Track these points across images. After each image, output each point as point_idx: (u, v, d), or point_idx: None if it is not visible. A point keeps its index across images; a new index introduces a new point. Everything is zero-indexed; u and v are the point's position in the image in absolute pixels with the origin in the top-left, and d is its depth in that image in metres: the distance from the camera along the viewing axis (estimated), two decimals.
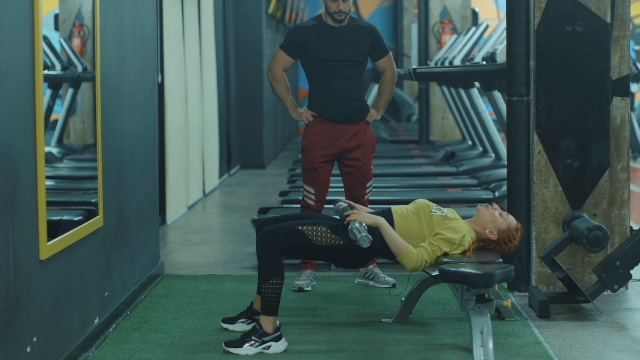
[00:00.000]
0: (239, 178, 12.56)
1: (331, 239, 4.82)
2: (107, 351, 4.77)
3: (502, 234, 4.92)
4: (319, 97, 6.15)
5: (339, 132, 6.13)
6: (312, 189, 6.15)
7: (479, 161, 10.28)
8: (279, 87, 6.22)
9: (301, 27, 6.22)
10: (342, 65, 6.09)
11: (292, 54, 6.18)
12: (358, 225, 4.73)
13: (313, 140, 6.14)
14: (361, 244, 4.68)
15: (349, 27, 6.14)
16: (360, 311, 5.54)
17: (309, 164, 6.15)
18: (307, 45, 6.11)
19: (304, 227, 4.83)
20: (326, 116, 6.14)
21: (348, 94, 6.11)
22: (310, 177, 6.16)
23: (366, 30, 6.17)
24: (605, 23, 5.77)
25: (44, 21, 4.11)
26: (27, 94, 3.93)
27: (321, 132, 6.14)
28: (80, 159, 6.50)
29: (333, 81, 6.09)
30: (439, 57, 12.71)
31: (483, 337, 4.41)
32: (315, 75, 6.16)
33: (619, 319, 5.40)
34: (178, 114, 9.41)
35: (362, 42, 6.13)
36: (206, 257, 7.25)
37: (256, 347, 4.73)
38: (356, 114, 6.15)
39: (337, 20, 6.09)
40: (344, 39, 6.10)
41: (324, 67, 6.10)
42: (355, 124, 6.16)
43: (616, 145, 5.90)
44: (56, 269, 4.31)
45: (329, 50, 6.08)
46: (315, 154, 6.13)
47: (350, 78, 6.11)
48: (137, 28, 5.92)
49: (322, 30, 6.12)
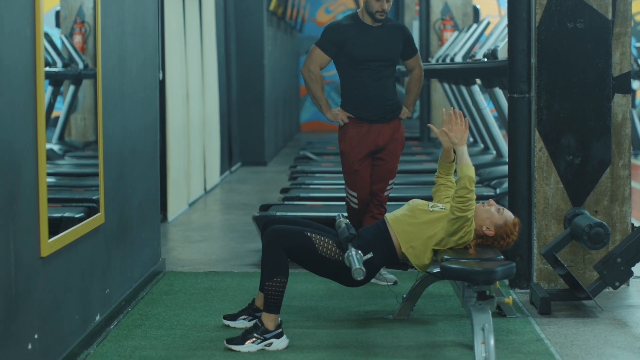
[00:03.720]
0: (240, 175, 12.56)
1: (336, 253, 4.84)
2: (108, 348, 4.77)
3: (500, 229, 4.92)
4: (354, 97, 6.11)
5: (375, 132, 6.09)
6: (355, 193, 6.13)
7: (481, 158, 10.27)
8: (315, 86, 6.13)
9: (339, 25, 6.14)
10: (378, 65, 6.05)
11: (329, 52, 6.10)
12: (354, 254, 4.73)
13: (351, 142, 6.10)
14: (354, 275, 4.68)
15: (384, 27, 6.10)
16: (362, 308, 5.54)
17: (350, 167, 6.12)
18: (345, 44, 6.05)
19: (312, 234, 4.85)
20: (361, 117, 6.10)
21: (383, 93, 6.08)
22: (352, 180, 6.12)
23: (400, 30, 6.16)
24: (606, 20, 5.76)
25: (45, 18, 4.11)
26: (28, 91, 3.93)
27: (358, 134, 6.10)
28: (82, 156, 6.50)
29: (369, 81, 6.06)
30: (440, 54, 12.71)
31: (484, 334, 4.41)
32: (350, 75, 6.10)
33: (620, 316, 5.40)
34: (179, 111, 9.41)
35: (397, 42, 6.11)
36: (207, 254, 7.25)
37: (258, 344, 4.73)
38: (390, 113, 6.13)
39: (377, 19, 6.04)
40: (381, 38, 6.06)
41: (361, 66, 6.05)
42: (390, 122, 6.14)
43: (617, 142, 5.89)
44: (57, 266, 4.32)
45: (367, 50, 6.03)
46: (354, 156, 6.09)
47: (385, 78, 6.08)
48: (138, 25, 5.92)
49: (360, 29, 6.07)
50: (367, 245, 4.89)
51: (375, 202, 6.19)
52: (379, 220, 5.10)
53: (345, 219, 4.98)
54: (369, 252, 4.86)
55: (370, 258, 4.86)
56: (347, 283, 4.95)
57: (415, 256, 4.94)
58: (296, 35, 20.25)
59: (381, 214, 6.16)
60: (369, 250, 4.87)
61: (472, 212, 4.84)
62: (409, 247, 4.93)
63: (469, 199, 4.80)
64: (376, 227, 5.02)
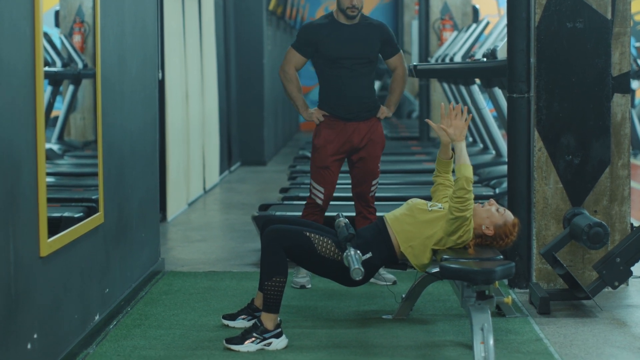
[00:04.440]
0: (239, 175, 12.56)
1: (334, 253, 4.84)
2: (107, 348, 4.77)
3: (499, 229, 4.92)
4: (330, 96, 6.13)
5: (350, 130, 6.10)
6: (321, 188, 6.12)
7: (480, 158, 10.27)
8: (290, 87, 6.18)
9: (313, 25, 6.20)
10: (354, 63, 6.06)
11: (305, 53, 6.15)
12: (353, 254, 4.73)
13: (326, 138, 6.11)
14: (353, 275, 4.69)
15: (360, 25, 6.11)
16: (361, 308, 5.54)
17: (321, 162, 6.12)
18: (319, 43, 6.08)
19: (311, 234, 4.85)
20: (337, 115, 6.11)
21: (359, 91, 6.10)
22: (320, 176, 6.13)
23: (377, 28, 6.16)
24: (606, 20, 5.76)
25: (44, 18, 4.10)
26: (27, 90, 3.93)
27: (333, 131, 6.11)
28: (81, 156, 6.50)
29: (344, 79, 6.07)
30: (439, 54, 12.71)
31: (483, 333, 4.41)
32: (326, 74, 6.13)
33: (619, 315, 5.40)
34: (179, 110, 9.41)
35: (373, 40, 6.12)
36: (207, 254, 7.25)
37: (257, 343, 4.73)
38: (366, 112, 6.14)
39: (349, 16, 6.05)
40: (355, 36, 6.07)
41: (336, 65, 6.07)
42: (366, 121, 6.14)
43: (617, 142, 5.90)
44: (57, 266, 4.32)
45: (341, 48, 6.05)
46: (327, 152, 6.10)
47: (361, 76, 6.10)
48: (137, 25, 5.92)
49: (334, 28, 6.09)
50: (366, 245, 4.89)
51: (362, 203, 6.20)
52: (376, 219, 5.10)
53: (345, 219, 4.97)
54: (368, 251, 4.86)
55: (369, 258, 4.86)
56: (346, 283, 4.95)
57: (414, 256, 4.94)
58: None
59: (372, 214, 6.18)
60: (368, 250, 4.87)
61: (471, 211, 4.84)
62: (407, 247, 4.93)
63: (467, 199, 4.80)
64: (375, 226, 5.02)
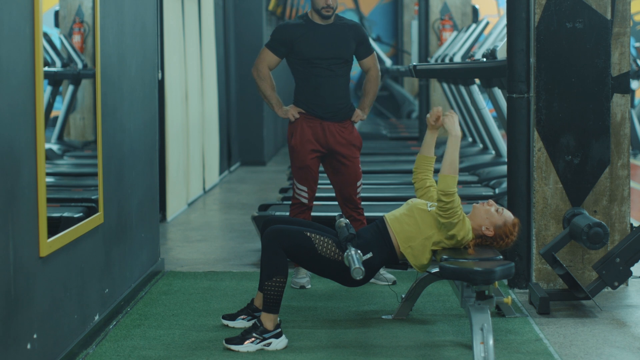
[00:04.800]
0: (239, 175, 12.56)
1: (335, 253, 4.84)
2: (107, 348, 4.77)
3: (499, 229, 4.92)
4: (306, 95, 6.12)
5: (326, 130, 6.09)
6: (304, 187, 6.12)
7: (480, 158, 10.28)
8: (264, 85, 6.19)
9: (287, 25, 6.18)
10: (329, 63, 6.05)
11: (278, 53, 6.14)
12: (354, 254, 4.73)
13: (302, 138, 6.10)
14: (354, 275, 4.68)
15: (335, 25, 6.10)
16: (360, 308, 5.54)
17: (300, 162, 6.11)
18: (293, 43, 6.07)
19: (312, 234, 4.84)
20: (313, 112, 6.11)
21: (335, 91, 6.09)
22: (302, 175, 6.12)
23: (352, 29, 6.14)
24: (605, 20, 5.76)
25: (44, 18, 4.10)
26: (27, 90, 3.93)
27: (309, 130, 6.10)
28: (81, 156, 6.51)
29: (320, 79, 6.06)
30: (439, 54, 12.72)
31: (483, 333, 4.41)
32: (301, 74, 6.12)
33: (619, 315, 5.40)
34: (178, 110, 9.41)
35: (348, 40, 6.10)
36: (206, 254, 7.25)
37: (257, 344, 4.73)
38: (342, 113, 6.13)
39: (324, 16, 6.04)
40: (330, 37, 6.07)
41: (311, 65, 6.06)
42: (341, 122, 6.13)
43: (616, 142, 5.90)
44: (56, 266, 4.32)
45: (316, 48, 6.04)
46: (305, 150, 6.09)
47: (337, 76, 6.08)
48: (137, 25, 5.92)
49: (309, 28, 6.08)
50: (366, 245, 4.89)
51: (350, 206, 6.18)
52: (364, 220, 5.09)
53: (345, 219, 4.98)
54: (368, 252, 4.86)
55: (370, 258, 4.86)
56: (347, 283, 4.95)
57: (413, 256, 4.94)
58: None
59: (361, 215, 6.19)
60: (369, 250, 4.87)
61: (458, 216, 4.82)
62: (407, 247, 4.93)
63: (448, 208, 4.80)
64: (375, 226, 5.01)
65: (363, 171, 6.50)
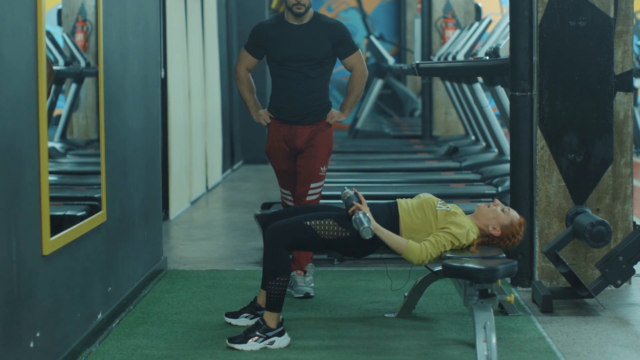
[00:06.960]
0: (242, 173, 12.56)
1: (338, 231, 4.83)
2: (110, 346, 4.77)
3: (506, 229, 4.91)
4: (277, 98, 5.97)
5: (293, 133, 5.92)
6: (287, 191, 6.03)
7: (482, 156, 10.28)
8: (241, 88, 6.10)
9: (262, 25, 6.01)
10: (301, 65, 5.86)
11: (255, 54, 6.00)
12: (362, 216, 4.73)
13: (272, 144, 5.99)
14: (363, 235, 4.69)
15: (310, 25, 5.90)
16: (363, 306, 5.54)
17: (277, 167, 6.02)
18: (267, 44, 5.90)
19: (311, 222, 4.83)
20: (282, 118, 5.96)
21: (306, 94, 5.89)
22: (283, 180, 6.03)
23: (329, 28, 5.91)
24: (608, 18, 5.76)
25: (47, 16, 4.11)
26: (30, 89, 3.93)
27: (278, 135, 5.96)
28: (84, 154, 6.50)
29: (292, 82, 5.88)
30: (442, 52, 12.71)
31: (486, 332, 4.41)
32: (275, 75, 5.97)
33: (622, 314, 5.40)
34: (181, 109, 9.41)
35: (322, 41, 5.87)
36: (209, 252, 7.25)
37: (260, 342, 4.73)
38: (313, 116, 5.93)
39: (295, 13, 5.82)
40: (303, 37, 5.86)
41: (283, 67, 5.89)
42: (312, 124, 5.94)
43: (619, 140, 5.89)
44: (59, 264, 4.32)
45: (287, 49, 5.85)
46: (278, 156, 5.98)
47: (310, 78, 5.88)
48: (140, 23, 5.92)
49: (282, 29, 5.89)
50: (375, 218, 4.85)
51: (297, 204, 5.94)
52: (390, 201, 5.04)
53: (351, 190, 4.95)
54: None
55: None
56: (356, 254, 4.95)
57: None
58: None
59: None
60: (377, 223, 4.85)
61: (456, 243, 4.83)
62: (409, 237, 4.89)
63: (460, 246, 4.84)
64: (387, 207, 4.98)
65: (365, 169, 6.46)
